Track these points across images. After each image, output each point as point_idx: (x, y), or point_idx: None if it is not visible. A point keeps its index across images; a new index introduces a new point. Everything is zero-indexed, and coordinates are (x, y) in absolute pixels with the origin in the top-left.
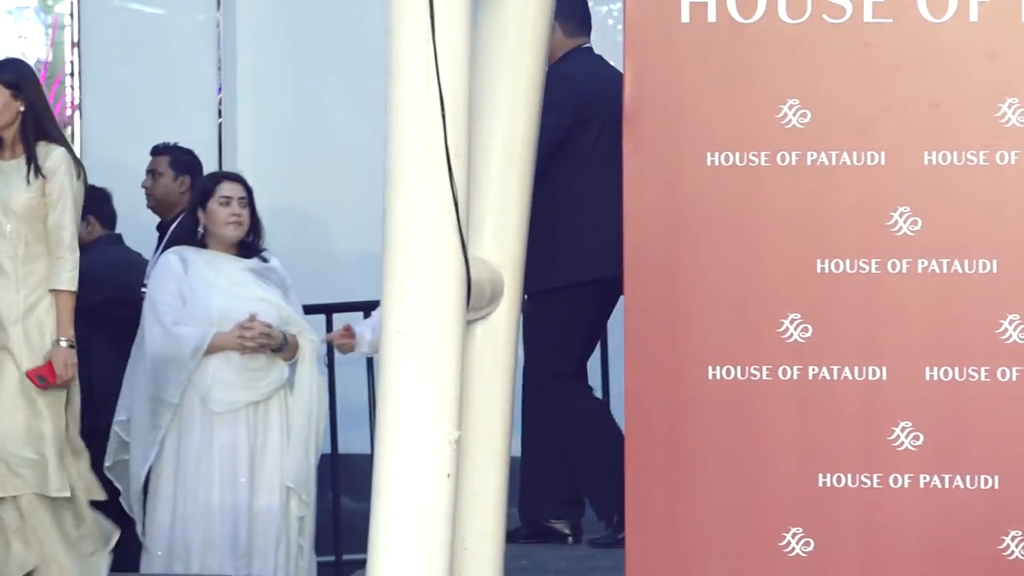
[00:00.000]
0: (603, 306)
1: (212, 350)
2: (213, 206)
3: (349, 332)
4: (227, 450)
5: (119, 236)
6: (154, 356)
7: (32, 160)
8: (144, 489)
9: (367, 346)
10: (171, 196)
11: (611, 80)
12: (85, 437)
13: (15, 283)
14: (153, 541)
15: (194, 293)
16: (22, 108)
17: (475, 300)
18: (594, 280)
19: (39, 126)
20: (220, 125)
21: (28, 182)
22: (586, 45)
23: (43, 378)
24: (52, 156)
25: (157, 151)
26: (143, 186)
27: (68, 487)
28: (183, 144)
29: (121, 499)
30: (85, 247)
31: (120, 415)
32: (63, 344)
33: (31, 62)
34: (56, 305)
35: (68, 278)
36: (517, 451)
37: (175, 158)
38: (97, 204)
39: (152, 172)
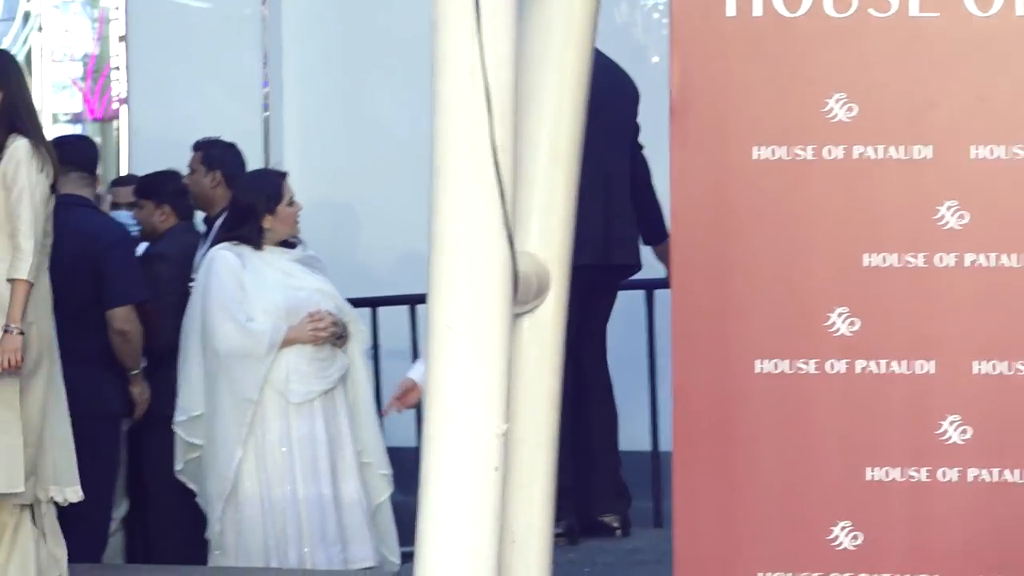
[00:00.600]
0: (575, 293)
1: (285, 344)
2: (284, 208)
3: (406, 389)
4: (306, 441)
5: (191, 224)
6: (229, 354)
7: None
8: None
9: None
10: (205, 192)
11: (598, 69)
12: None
13: None
14: (247, 539)
15: (257, 288)
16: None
17: (522, 294)
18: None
19: (10, 118)
20: (266, 119)
21: None
22: None
23: None
24: (12, 147)
25: (195, 147)
26: (183, 182)
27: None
28: (228, 138)
29: (198, 499)
30: (158, 236)
31: (179, 416)
32: (12, 331)
33: (78, 56)
34: (11, 292)
35: (23, 268)
36: None
37: (206, 153)
38: (177, 196)
39: (190, 169)
